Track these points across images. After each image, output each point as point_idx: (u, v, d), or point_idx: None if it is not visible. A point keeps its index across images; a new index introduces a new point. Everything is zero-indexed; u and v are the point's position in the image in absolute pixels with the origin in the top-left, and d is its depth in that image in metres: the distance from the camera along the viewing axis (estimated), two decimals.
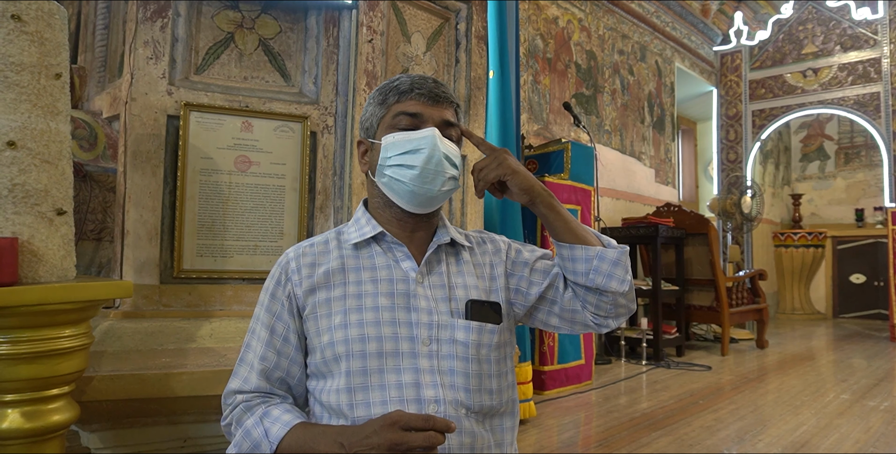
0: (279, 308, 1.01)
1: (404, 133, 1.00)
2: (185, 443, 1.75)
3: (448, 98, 1.04)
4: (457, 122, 1.06)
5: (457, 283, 1.04)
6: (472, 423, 0.97)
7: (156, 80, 1.76)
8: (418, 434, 0.80)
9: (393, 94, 1.03)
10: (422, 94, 1.01)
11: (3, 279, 1.19)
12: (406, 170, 0.98)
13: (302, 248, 1.06)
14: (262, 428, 0.92)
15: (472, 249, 1.11)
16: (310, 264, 1.03)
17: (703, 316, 5.30)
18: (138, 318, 1.69)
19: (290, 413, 0.95)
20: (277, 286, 1.03)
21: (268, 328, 1.01)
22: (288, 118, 1.90)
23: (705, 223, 5.26)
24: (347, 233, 1.07)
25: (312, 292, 1.00)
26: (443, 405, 0.94)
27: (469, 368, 0.98)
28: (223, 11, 1.88)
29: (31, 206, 1.28)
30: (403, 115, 1.01)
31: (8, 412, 1.24)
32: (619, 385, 3.95)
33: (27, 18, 1.27)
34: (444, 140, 1.00)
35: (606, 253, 1.01)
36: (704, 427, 2.95)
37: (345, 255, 1.04)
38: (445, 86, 1.05)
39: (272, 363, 0.99)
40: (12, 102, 1.26)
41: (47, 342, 1.26)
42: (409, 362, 0.95)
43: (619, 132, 6.01)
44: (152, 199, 1.74)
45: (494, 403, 1.01)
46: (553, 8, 5.13)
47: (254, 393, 0.99)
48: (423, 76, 1.05)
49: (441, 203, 1.05)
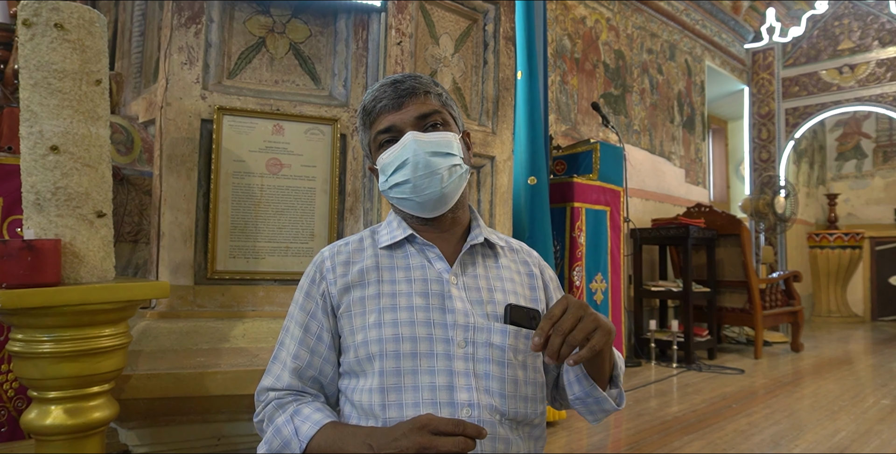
0: (313, 306, 1.02)
1: (387, 151, 1.00)
2: (219, 441, 1.78)
3: (413, 90, 0.99)
4: (436, 106, 1.01)
5: (495, 287, 1.02)
6: (507, 430, 0.95)
7: (190, 84, 1.79)
8: (448, 439, 0.79)
9: (366, 116, 1.03)
10: (384, 105, 0.99)
11: (47, 279, 1.23)
12: (403, 186, 0.98)
13: (337, 247, 1.06)
14: (292, 426, 0.93)
15: (508, 251, 1.09)
16: (344, 262, 1.03)
17: (736, 318, 5.19)
18: (174, 318, 1.73)
19: (321, 412, 0.94)
20: (312, 284, 1.03)
21: (301, 326, 1.01)
22: (318, 121, 1.92)
23: (737, 224, 5.16)
24: (380, 234, 1.08)
25: (347, 291, 1.00)
26: (476, 409, 0.92)
27: (505, 373, 0.96)
28: (254, 16, 1.91)
29: (72, 208, 1.32)
30: (380, 134, 1.01)
31: (51, 409, 1.28)
32: (650, 388, 3.89)
33: (69, 27, 1.31)
34: (425, 137, 0.97)
35: (605, 403, 1.01)
36: (738, 431, 2.89)
37: (379, 254, 1.04)
38: (409, 78, 1.01)
39: (305, 362, 0.99)
40: (55, 108, 1.30)
41: (89, 341, 1.29)
42: (443, 364, 0.94)
43: (648, 132, 5.94)
44: (187, 201, 1.77)
45: (529, 411, 0.99)
46: (581, 7, 5.09)
47: (286, 390, 0.99)
48: (385, 82, 1.02)
49: (455, 195, 1.01)
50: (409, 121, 0.99)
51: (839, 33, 7.41)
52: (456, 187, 1.00)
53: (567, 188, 3.50)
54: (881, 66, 7.10)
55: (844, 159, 8.81)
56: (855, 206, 8.60)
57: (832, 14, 7.46)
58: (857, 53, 7.27)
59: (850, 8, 7.33)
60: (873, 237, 8.09)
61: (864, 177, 8.60)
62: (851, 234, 7.81)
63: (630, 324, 4.99)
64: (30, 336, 1.26)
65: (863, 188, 8.59)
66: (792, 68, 7.66)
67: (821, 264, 7.95)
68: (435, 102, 1.02)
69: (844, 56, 7.34)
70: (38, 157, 1.29)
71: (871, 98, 7.15)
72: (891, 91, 7.01)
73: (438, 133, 0.99)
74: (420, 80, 1.02)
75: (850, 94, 7.28)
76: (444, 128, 1.01)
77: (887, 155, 8.44)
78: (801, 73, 7.59)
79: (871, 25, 7.20)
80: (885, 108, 7.08)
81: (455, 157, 0.99)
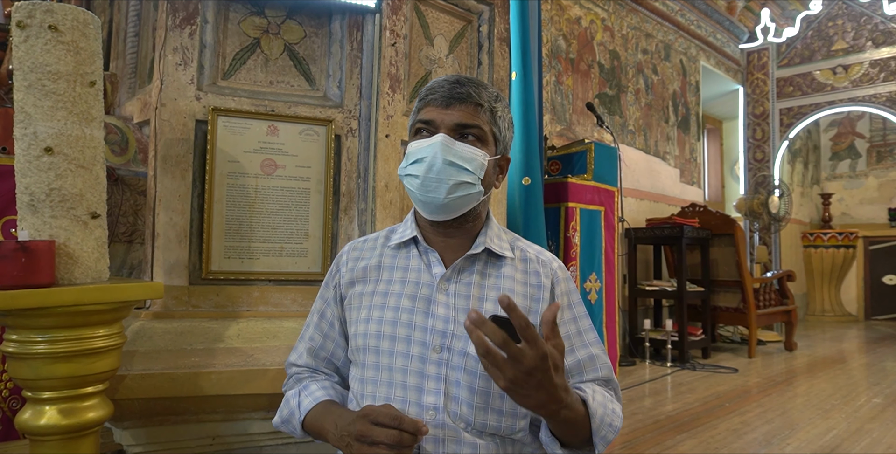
0: (329, 296, 1.12)
1: (417, 142, 1.01)
2: (214, 441, 1.78)
3: (466, 98, 0.99)
4: (481, 121, 1.00)
5: (487, 296, 1.01)
6: (474, 436, 0.94)
7: (184, 85, 1.79)
8: (383, 430, 0.83)
9: (420, 100, 1.03)
10: (435, 98, 1.00)
11: (41, 280, 1.24)
12: (413, 179, 0.99)
13: (355, 244, 1.14)
14: (297, 399, 1.05)
15: (517, 261, 1.06)
16: (355, 258, 1.11)
17: (730, 317, 5.22)
18: (168, 319, 1.73)
19: (324, 390, 1.05)
20: (330, 276, 1.13)
21: (319, 312, 1.13)
22: (313, 122, 1.93)
23: (731, 223, 5.18)
24: (396, 232, 1.11)
25: (352, 285, 1.08)
26: (441, 414, 0.93)
27: (476, 384, 0.95)
28: (249, 17, 1.91)
29: (67, 209, 1.32)
30: (420, 122, 1.02)
31: (45, 409, 1.28)
32: (644, 387, 3.91)
33: (63, 28, 1.31)
34: (454, 144, 0.97)
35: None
36: (731, 430, 2.91)
37: (384, 254, 1.08)
38: (472, 84, 1.00)
39: (318, 344, 1.12)
40: (49, 110, 1.30)
41: (83, 341, 1.29)
42: (416, 366, 0.96)
43: (643, 132, 5.96)
44: (181, 202, 1.78)
45: (503, 425, 0.96)
46: (576, 8, 5.10)
47: (304, 367, 1.13)
48: (449, 77, 1.02)
49: (460, 210, 1.01)
50: (449, 123, 0.98)
51: (833, 34, 7.44)
52: (461, 203, 0.99)
53: (562, 188, 3.51)
54: (875, 67, 7.13)
55: (838, 159, 8.86)
56: (849, 205, 8.64)
57: (826, 15, 7.49)
58: (850, 54, 7.30)
59: (844, 9, 7.37)
60: (867, 236, 8.13)
61: (858, 176, 8.65)
62: (845, 234, 7.85)
63: (625, 324, 5.01)
64: (24, 336, 1.26)
65: (857, 188, 8.63)
66: (786, 68, 7.69)
67: (815, 264, 7.99)
68: (483, 117, 1.00)
69: (838, 56, 7.38)
70: (33, 159, 1.29)
71: (864, 98, 7.19)
72: (884, 91, 7.04)
73: (468, 146, 0.98)
74: (479, 91, 1.00)
75: (844, 95, 7.31)
76: (479, 143, 1.00)
77: (881, 155, 8.48)
78: (796, 73, 7.63)
79: (864, 26, 7.24)
80: (879, 109, 7.12)
81: (470, 173, 0.98)
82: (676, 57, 6.57)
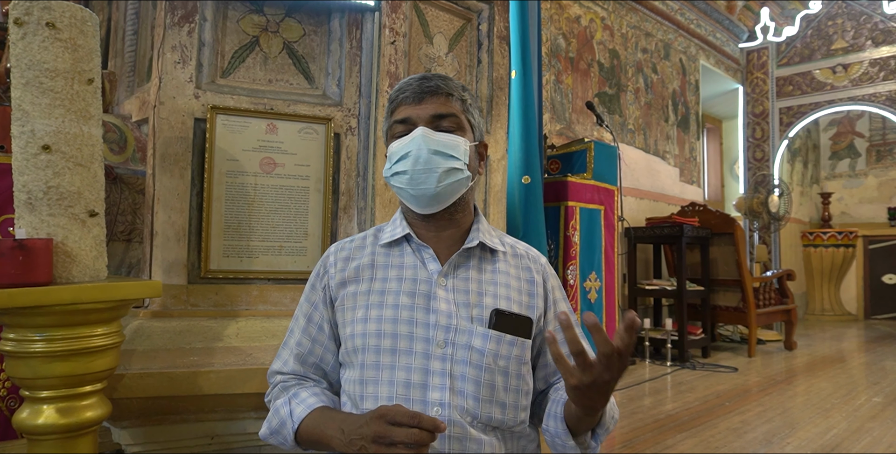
0: (317, 298, 1.08)
1: (397, 141, 1.02)
2: (212, 440, 1.78)
3: (437, 90, 1.02)
4: (455, 110, 1.03)
5: (486, 290, 1.02)
6: (480, 431, 0.95)
7: (183, 83, 1.79)
8: (402, 429, 0.81)
9: (391, 103, 1.05)
10: (407, 96, 1.02)
11: (38, 279, 1.23)
12: (401, 176, 1.01)
13: (342, 244, 1.12)
14: (288, 407, 1.00)
15: (510, 257, 1.09)
16: (345, 258, 1.08)
17: (730, 317, 5.22)
18: (167, 318, 1.73)
19: (316, 396, 1.01)
20: (317, 278, 1.10)
21: (306, 316, 1.09)
22: (312, 120, 1.92)
23: (731, 223, 5.18)
24: (384, 231, 1.10)
25: (343, 285, 1.05)
26: (447, 409, 0.93)
27: (481, 377, 0.96)
28: (248, 15, 1.90)
29: (64, 208, 1.31)
30: (396, 123, 1.03)
31: (43, 408, 1.28)
32: (644, 386, 3.91)
33: (61, 26, 1.31)
34: (434, 135, 1.00)
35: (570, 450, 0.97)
36: (731, 429, 2.91)
37: (376, 252, 1.07)
38: (438, 78, 1.04)
39: (307, 349, 1.07)
40: (47, 107, 1.29)
41: (81, 340, 1.29)
42: (420, 362, 0.96)
43: (642, 131, 5.95)
44: (180, 200, 1.77)
45: (507, 418, 0.98)
46: (575, 7, 5.10)
47: (290, 375, 1.07)
48: (414, 76, 1.05)
49: (451, 198, 1.03)
50: (425, 117, 1.01)
51: (833, 33, 7.44)
52: (452, 190, 1.02)
53: (561, 187, 3.51)
54: (874, 66, 7.13)
55: (838, 158, 8.86)
56: (848, 204, 8.64)
57: (826, 14, 7.49)
58: (850, 53, 7.30)
59: (844, 8, 7.37)
60: (867, 236, 8.13)
61: (858, 176, 8.65)
62: (845, 233, 7.85)
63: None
64: (21, 335, 1.26)
65: (856, 187, 8.63)
66: (786, 67, 7.69)
67: (814, 263, 7.99)
68: (455, 106, 1.04)
69: (838, 55, 7.38)
70: (30, 157, 1.29)
71: (864, 97, 7.18)
72: (884, 90, 7.04)
73: (448, 134, 1.01)
74: (447, 82, 1.04)
75: (844, 94, 7.31)
76: (457, 132, 1.03)
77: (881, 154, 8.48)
78: (795, 72, 7.62)
79: (864, 25, 7.24)
80: (879, 108, 7.12)
81: (457, 160, 1.00)
82: (676, 56, 6.57)
